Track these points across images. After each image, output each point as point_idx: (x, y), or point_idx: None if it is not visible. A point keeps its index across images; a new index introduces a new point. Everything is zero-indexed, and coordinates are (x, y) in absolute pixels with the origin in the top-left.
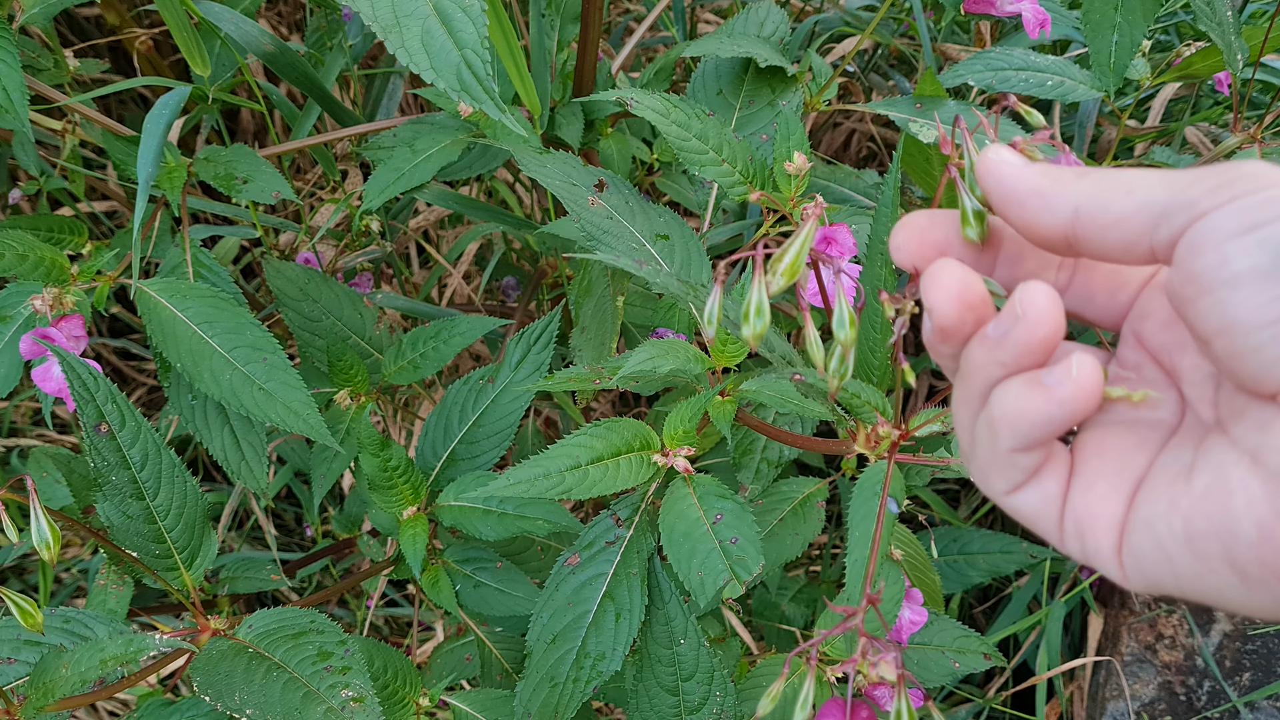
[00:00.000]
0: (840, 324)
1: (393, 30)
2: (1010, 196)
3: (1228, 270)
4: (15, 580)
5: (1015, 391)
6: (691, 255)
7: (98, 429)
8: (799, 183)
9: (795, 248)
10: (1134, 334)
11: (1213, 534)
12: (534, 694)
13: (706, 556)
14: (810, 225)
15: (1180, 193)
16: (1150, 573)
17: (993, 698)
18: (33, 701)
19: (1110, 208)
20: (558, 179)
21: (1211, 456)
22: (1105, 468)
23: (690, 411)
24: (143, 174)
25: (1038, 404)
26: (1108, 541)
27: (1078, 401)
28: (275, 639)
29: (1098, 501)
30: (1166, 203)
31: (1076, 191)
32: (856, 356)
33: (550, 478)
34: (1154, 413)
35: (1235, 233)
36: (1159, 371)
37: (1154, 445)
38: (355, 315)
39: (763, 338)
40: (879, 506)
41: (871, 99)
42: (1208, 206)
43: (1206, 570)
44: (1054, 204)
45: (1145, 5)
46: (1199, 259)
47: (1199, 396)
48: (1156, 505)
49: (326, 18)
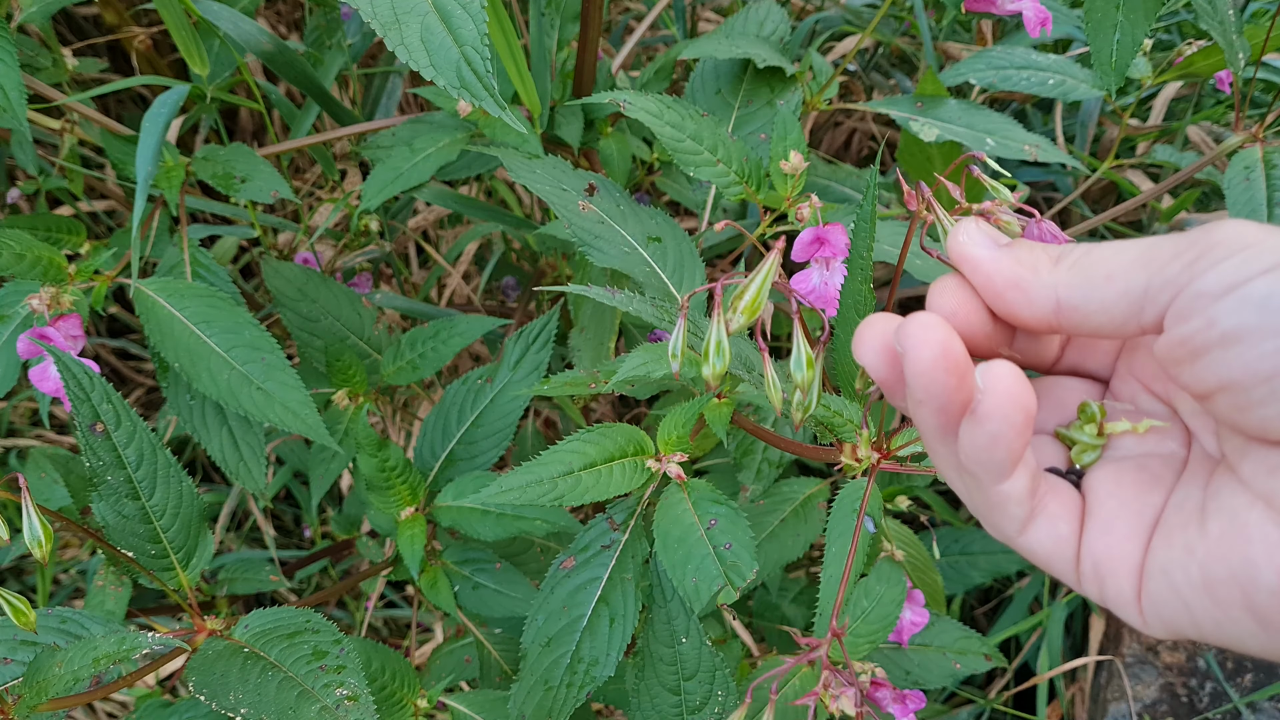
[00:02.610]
0: (798, 365)
1: (392, 27)
2: (987, 287)
3: (1216, 331)
4: (14, 581)
5: (963, 430)
6: (685, 258)
7: (93, 429)
8: (795, 182)
9: (756, 285)
10: (1126, 366)
11: (1232, 581)
12: (528, 697)
13: (701, 562)
14: (772, 259)
15: (1158, 272)
16: (1170, 620)
17: (994, 699)
18: (26, 700)
19: (1091, 297)
20: (547, 184)
21: (1223, 499)
22: (1122, 509)
23: (683, 417)
24: (141, 173)
25: (976, 433)
26: (1129, 586)
27: (1004, 407)
28: (271, 638)
29: (1117, 545)
30: (1146, 284)
31: (1054, 282)
32: (838, 371)
33: (543, 484)
34: (1163, 445)
35: (1217, 295)
36: (1155, 401)
37: (1167, 482)
38: (354, 315)
39: (722, 376)
40: (855, 527)
41: (872, 98)
42: (1187, 281)
43: (1226, 618)
44: (1034, 297)
45: (1147, 4)
46: (1185, 325)
47: (1200, 426)
48: (1172, 551)
49: (325, 17)
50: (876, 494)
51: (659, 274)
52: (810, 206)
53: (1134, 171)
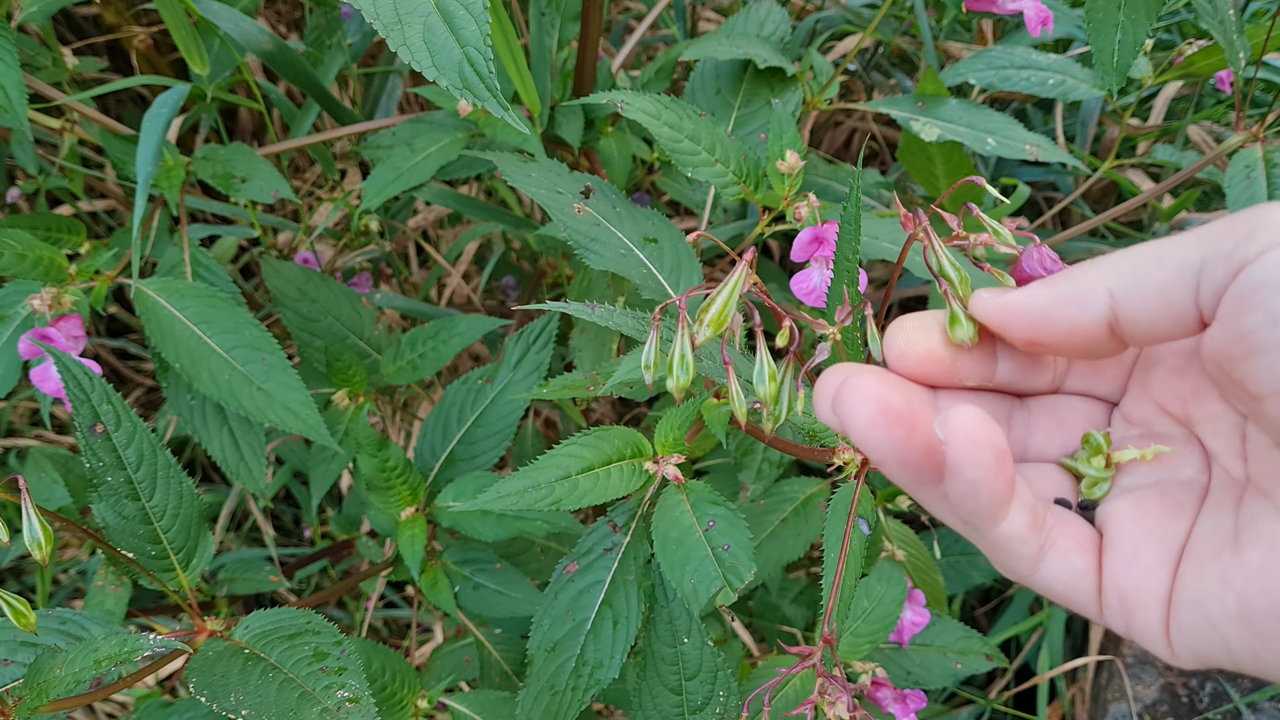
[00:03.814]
0: (760, 379)
1: (394, 28)
2: (1035, 322)
3: (1279, 330)
4: (13, 581)
5: (949, 480)
6: (682, 258)
7: (93, 429)
8: (792, 182)
9: (722, 298)
10: (1141, 386)
11: (1273, 613)
12: (535, 702)
13: (699, 564)
14: (739, 272)
15: (1213, 245)
16: (1202, 651)
17: (995, 699)
18: (27, 702)
19: (1146, 281)
20: (543, 188)
21: (1259, 526)
22: (1146, 537)
23: (679, 419)
24: (142, 173)
25: (954, 483)
26: (1157, 618)
27: (971, 453)
28: (271, 640)
29: (1143, 575)
30: (1201, 259)
31: (1100, 280)
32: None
33: (540, 489)
34: (1179, 472)
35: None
36: (1172, 423)
37: (1190, 508)
38: (354, 315)
39: (686, 389)
40: (845, 532)
41: (873, 97)
42: (1245, 257)
43: (1266, 649)
44: (1085, 301)
45: (1149, 3)
46: (1246, 317)
47: (1224, 449)
48: (1205, 581)
49: (325, 16)
50: (868, 495)
51: (656, 275)
52: (809, 206)
53: (1134, 171)
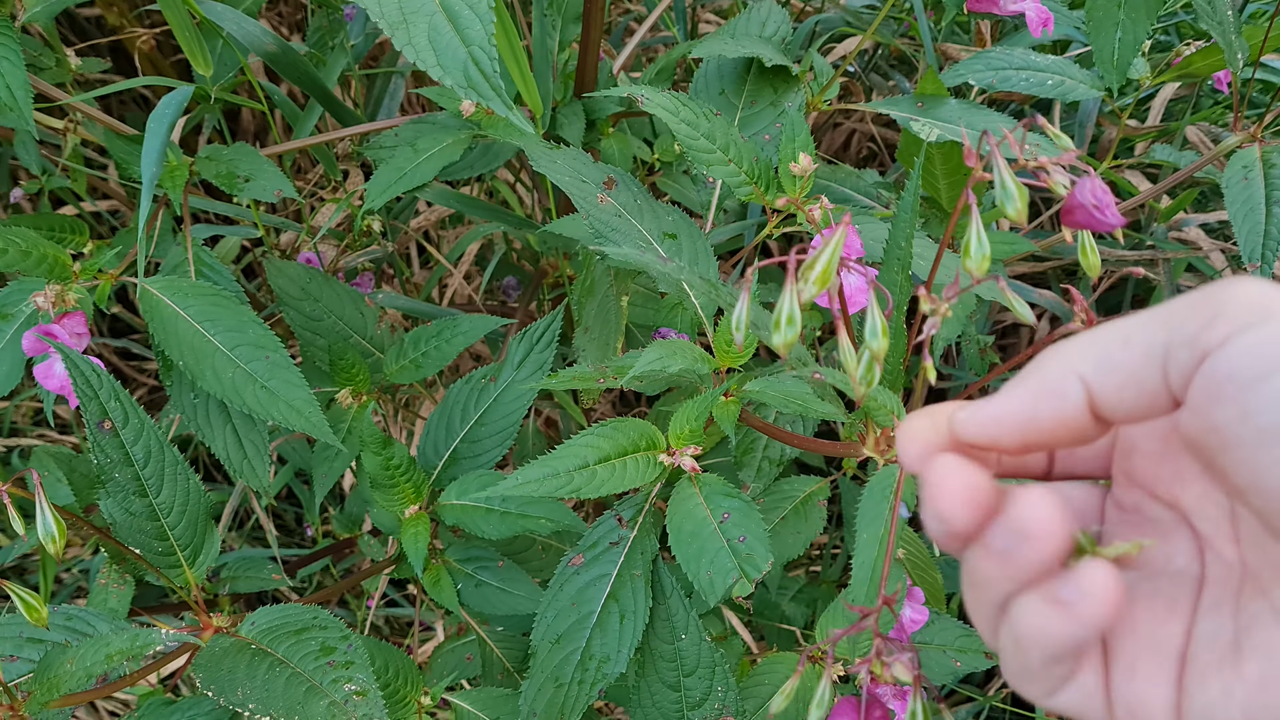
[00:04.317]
0: (873, 334)
1: (399, 27)
2: (1023, 426)
3: (1251, 426)
4: (16, 580)
5: (1034, 609)
6: (699, 254)
7: (101, 426)
8: (804, 183)
9: (826, 256)
10: (1124, 472)
11: None
12: (539, 694)
13: (715, 555)
14: (840, 232)
15: (1177, 329)
16: None
17: (993, 696)
18: (37, 697)
19: (1116, 364)
20: (567, 175)
21: (1257, 636)
22: (1141, 645)
23: (697, 410)
24: (147, 173)
25: (1060, 625)
26: None
27: (1099, 617)
28: (278, 635)
29: (1143, 689)
30: (1166, 341)
31: (1070, 367)
32: None
33: (559, 477)
34: (1171, 562)
35: (1249, 381)
36: (1161, 508)
37: (1185, 607)
38: (357, 315)
39: (792, 345)
40: (890, 510)
41: (872, 99)
42: (1208, 345)
43: None
44: (1061, 390)
45: (1149, 3)
46: (1216, 411)
47: (1215, 532)
48: (1209, 694)
49: (328, 17)
50: (911, 480)
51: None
52: (821, 208)
53: (1132, 172)
